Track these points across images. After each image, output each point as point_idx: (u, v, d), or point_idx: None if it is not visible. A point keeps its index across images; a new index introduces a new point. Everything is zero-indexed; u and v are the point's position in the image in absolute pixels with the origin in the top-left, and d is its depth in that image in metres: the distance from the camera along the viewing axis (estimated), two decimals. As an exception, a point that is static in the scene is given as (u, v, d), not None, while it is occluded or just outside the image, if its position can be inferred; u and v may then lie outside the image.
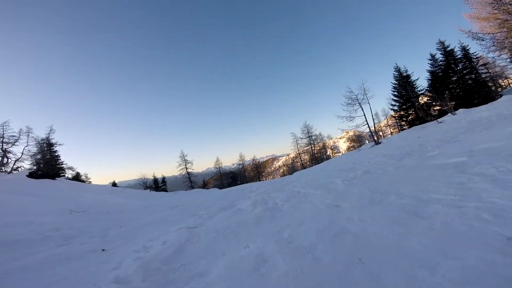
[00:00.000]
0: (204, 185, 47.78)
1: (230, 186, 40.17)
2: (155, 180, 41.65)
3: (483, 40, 11.01)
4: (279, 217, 4.55)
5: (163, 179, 43.16)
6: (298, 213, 4.49)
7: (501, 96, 18.07)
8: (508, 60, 21.79)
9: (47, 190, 15.32)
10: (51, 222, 7.41)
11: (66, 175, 31.20)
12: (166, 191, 38.82)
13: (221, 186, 44.52)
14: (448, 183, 3.63)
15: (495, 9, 9.47)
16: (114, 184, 40.14)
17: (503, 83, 25.10)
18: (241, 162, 53.07)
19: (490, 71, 22.84)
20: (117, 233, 6.16)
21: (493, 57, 14.71)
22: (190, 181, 42.85)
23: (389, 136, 39.35)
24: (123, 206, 13.61)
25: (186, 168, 43.59)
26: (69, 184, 21.82)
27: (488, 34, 10.47)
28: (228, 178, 52.44)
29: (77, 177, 34.86)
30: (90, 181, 39.56)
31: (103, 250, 4.64)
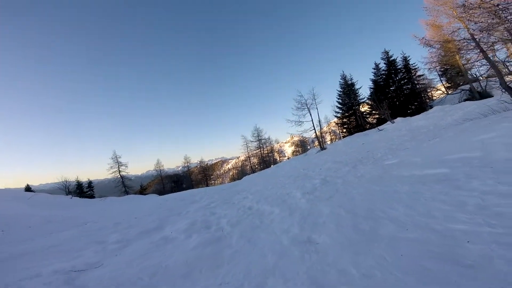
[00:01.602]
0: (142, 190, 43.01)
1: (172, 191, 36.82)
2: (79, 184, 35.34)
3: (433, 47, 11.63)
4: (226, 261, 3.02)
5: (90, 183, 37.08)
6: (254, 254, 3.04)
7: (431, 107, 20.05)
8: (436, 73, 24.76)
9: None
10: None
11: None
12: (93, 197, 33.34)
13: (162, 191, 40.61)
14: (458, 205, 2.69)
15: (454, 17, 9.92)
16: (28, 189, 32.53)
17: (431, 95, 28.29)
18: (186, 165, 49.64)
19: (420, 82, 25.40)
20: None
21: (429, 69, 16.18)
22: (124, 186, 37.82)
23: (329, 142, 41.54)
24: (16, 220, 10.16)
25: (119, 171, 38.33)
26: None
27: (438, 42, 11.03)
28: (171, 182, 48.47)
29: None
30: (-6, 184, 31.35)
31: None
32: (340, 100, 30.30)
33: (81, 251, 4.61)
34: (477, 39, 9.52)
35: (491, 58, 9.71)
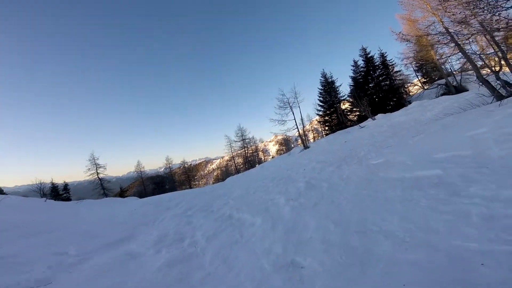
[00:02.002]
0: (122, 192, 41.26)
1: (154, 193, 35.64)
2: (54, 186, 33.33)
3: (410, 42, 11.63)
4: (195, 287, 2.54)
5: (66, 185, 35.16)
6: (229, 279, 2.57)
7: (410, 102, 20.38)
8: (412, 69, 25.30)
9: None
10: None
11: None
12: (70, 199, 31.59)
13: (143, 193, 39.23)
14: (460, 216, 2.34)
15: (428, 11, 9.86)
16: (-1, 191, 30.15)
17: (408, 90, 28.67)
18: (168, 166, 48.19)
19: (397, 78, 25.74)
20: None
21: (405, 64, 16.45)
22: (103, 188, 36.10)
23: (312, 140, 41.78)
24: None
25: (97, 173, 36.52)
26: None
27: (414, 36, 11.02)
28: (153, 184, 46.89)
29: None
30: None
31: None
32: (321, 98, 30.29)
33: (34, 264, 4.08)
34: (452, 33, 9.55)
35: (466, 51, 9.78)
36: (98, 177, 36.37)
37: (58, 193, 33.29)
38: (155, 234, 4.92)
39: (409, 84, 28.56)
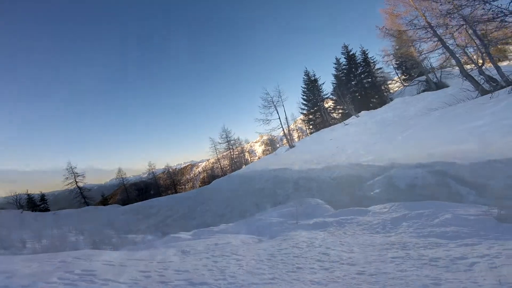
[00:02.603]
0: (105, 200, 39.48)
1: (137, 200, 34.38)
2: (30, 198, 31.49)
3: (394, 36, 11.56)
4: None
5: (43, 196, 33.46)
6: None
7: (392, 99, 20.56)
8: (392, 66, 25.72)
9: None
10: None
11: None
12: (48, 210, 29.95)
13: (126, 200, 37.69)
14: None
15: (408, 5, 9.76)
16: (-26, 204, 28.14)
17: (387, 88, 28.95)
18: (151, 171, 46.61)
19: (379, 76, 25.95)
20: None
21: (386, 62, 16.51)
22: (83, 197, 34.41)
23: (297, 140, 41.72)
24: None
25: (76, 182, 34.73)
26: None
27: (397, 31, 10.96)
28: (136, 190, 45.24)
29: None
30: None
31: None
32: (305, 97, 30.15)
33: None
34: (434, 27, 9.52)
35: (448, 46, 9.78)
36: (77, 185, 34.73)
37: (35, 204, 31.76)
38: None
39: (390, 82, 29.02)
